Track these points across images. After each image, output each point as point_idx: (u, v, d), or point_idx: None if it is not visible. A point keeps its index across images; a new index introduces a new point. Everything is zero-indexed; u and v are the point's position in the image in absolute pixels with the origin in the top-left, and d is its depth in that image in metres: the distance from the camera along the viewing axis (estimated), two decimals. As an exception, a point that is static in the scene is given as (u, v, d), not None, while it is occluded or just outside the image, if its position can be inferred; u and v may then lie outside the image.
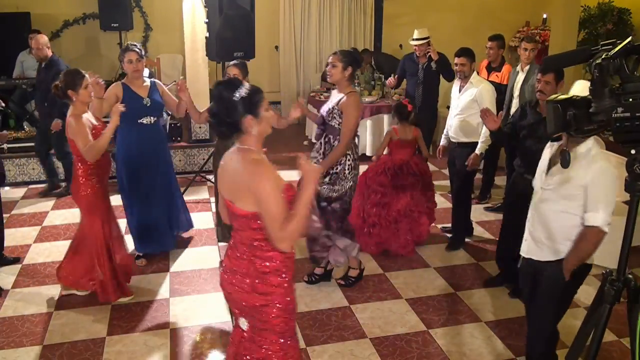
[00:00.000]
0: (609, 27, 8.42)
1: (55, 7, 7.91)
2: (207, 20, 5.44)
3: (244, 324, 2.31)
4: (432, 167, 6.83)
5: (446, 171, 6.57)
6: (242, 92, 2.13)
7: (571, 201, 2.55)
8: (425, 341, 3.44)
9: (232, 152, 2.24)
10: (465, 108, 4.49)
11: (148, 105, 4.11)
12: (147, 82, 4.20)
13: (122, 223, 4.21)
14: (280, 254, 2.19)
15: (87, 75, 3.54)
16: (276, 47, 8.65)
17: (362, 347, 3.37)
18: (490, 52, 5.54)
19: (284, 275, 2.22)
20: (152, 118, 4.15)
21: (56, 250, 4.59)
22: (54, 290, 3.98)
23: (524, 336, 3.50)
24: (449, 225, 5.00)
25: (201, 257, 4.50)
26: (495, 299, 3.93)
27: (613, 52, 1.75)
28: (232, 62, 4.16)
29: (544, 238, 2.70)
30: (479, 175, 5.82)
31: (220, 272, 2.35)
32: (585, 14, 8.50)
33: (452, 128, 4.64)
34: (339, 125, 3.70)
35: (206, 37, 5.50)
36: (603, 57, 1.74)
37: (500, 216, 5.28)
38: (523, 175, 3.73)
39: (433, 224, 5.17)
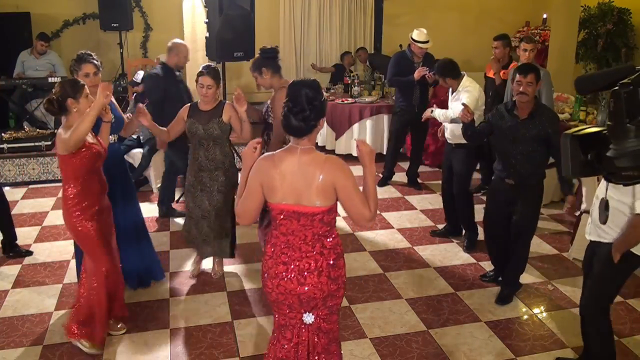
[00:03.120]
0: (609, 27, 8.42)
1: (55, 7, 7.90)
2: (207, 20, 5.45)
3: (309, 318, 2.37)
4: (431, 167, 6.85)
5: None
6: (324, 93, 2.32)
7: (623, 190, 2.56)
8: (425, 341, 3.44)
9: (290, 156, 2.27)
10: (457, 112, 4.38)
11: (112, 121, 3.51)
12: None
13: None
14: (339, 237, 2.39)
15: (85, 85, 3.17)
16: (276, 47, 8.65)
17: (362, 347, 3.37)
18: (496, 51, 5.58)
19: (343, 255, 2.43)
20: (115, 136, 3.72)
21: (56, 250, 4.59)
22: (54, 290, 3.98)
23: (524, 336, 3.51)
24: (441, 226, 5.03)
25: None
26: (495, 298, 3.93)
27: (637, 77, 1.30)
28: (205, 70, 3.73)
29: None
30: (477, 175, 5.83)
31: (275, 282, 2.33)
32: (585, 14, 8.50)
33: (447, 130, 4.61)
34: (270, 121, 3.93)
35: (206, 37, 5.51)
36: (624, 81, 1.29)
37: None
38: (503, 179, 3.72)
39: (434, 224, 5.20)
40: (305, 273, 2.29)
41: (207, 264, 4.36)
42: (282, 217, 2.29)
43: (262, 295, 3.93)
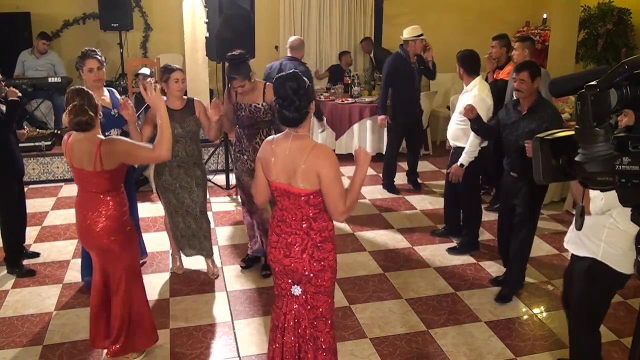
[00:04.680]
0: (609, 27, 8.42)
1: (55, 7, 7.90)
2: (207, 20, 5.44)
3: (297, 290, 2.54)
4: (431, 167, 6.85)
5: (445, 170, 6.59)
6: (307, 80, 2.44)
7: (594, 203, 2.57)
8: (425, 341, 3.44)
9: (285, 141, 2.45)
10: (460, 114, 4.38)
11: (116, 116, 3.72)
12: (106, 92, 3.84)
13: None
14: (330, 223, 2.52)
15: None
16: (276, 47, 8.64)
17: (362, 347, 3.37)
18: (493, 50, 5.62)
19: (333, 241, 2.55)
20: (119, 130, 3.77)
21: (56, 250, 4.59)
22: (54, 290, 3.98)
23: (524, 336, 3.51)
24: (441, 226, 5.03)
25: (201, 257, 4.48)
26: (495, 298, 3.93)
27: (603, 79, 1.23)
28: (175, 66, 3.84)
29: (582, 234, 2.74)
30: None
31: (269, 249, 2.59)
32: (585, 14, 8.49)
33: (449, 132, 4.60)
34: (271, 117, 3.91)
35: (206, 37, 5.50)
36: (591, 83, 1.24)
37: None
38: (509, 173, 3.84)
39: (434, 224, 5.20)
40: (291, 247, 2.48)
41: (202, 264, 4.36)
42: (277, 194, 2.51)
43: (262, 295, 3.94)
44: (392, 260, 4.50)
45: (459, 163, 4.33)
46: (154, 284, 4.07)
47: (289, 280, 2.55)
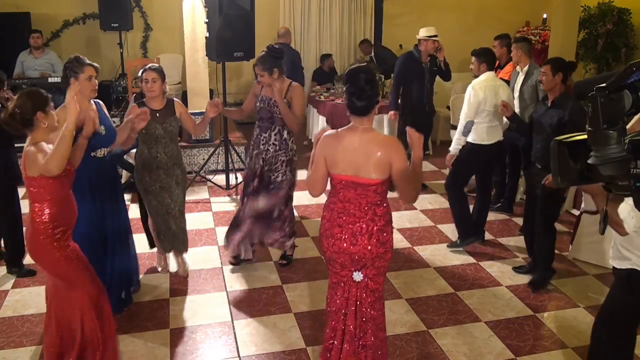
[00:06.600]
0: (609, 27, 8.42)
1: (55, 7, 7.91)
2: (207, 20, 5.45)
3: (359, 276, 2.66)
4: (431, 167, 6.85)
5: (446, 171, 6.59)
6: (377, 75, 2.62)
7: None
8: (425, 341, 3.44)
9: (352, 134, 2.57)
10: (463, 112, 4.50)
11: (103, 133, 3.34)
12: (92, 104, 3.40)
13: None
14: (389, 207, 2.65)
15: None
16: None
17: (362, 347, 3.36)
18: (494, 50, 5.67)
19: (391, 223, 2.70)
20: (105, 150, 3.43)
21: (56, 250, 4.58)
22: (54, 290, 3.98)
23: (524, 336, 3.51)
24: (441, 226, 5.03)
25: (201, 257, 4.49)
26: (495, 299, 3.93)
27: (612, 81, 1.23)
28: (149, 66, 3.78)
29: (621, 247, 2.59)
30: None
31: (332, 241, 2.65)
32: (585, 14, 8.49)
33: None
34: None
35: (206, 37, 5.52)
36: (601, 85, 1.24)
37: (500, 216, 5.32)
38: (534, 164, 4.00)
39: (434, 224, 5.20)
40: (357, 235, 2.59)
41: (206, 263, 4.36)
42: (340, 186, 2.62)
43: (262, 295, 3.94)
44: (392, 260, 4.45)
45: (451, 150, 4.57)
46: (154, 283, 4.07)
47: (352, 268, 2.65)
